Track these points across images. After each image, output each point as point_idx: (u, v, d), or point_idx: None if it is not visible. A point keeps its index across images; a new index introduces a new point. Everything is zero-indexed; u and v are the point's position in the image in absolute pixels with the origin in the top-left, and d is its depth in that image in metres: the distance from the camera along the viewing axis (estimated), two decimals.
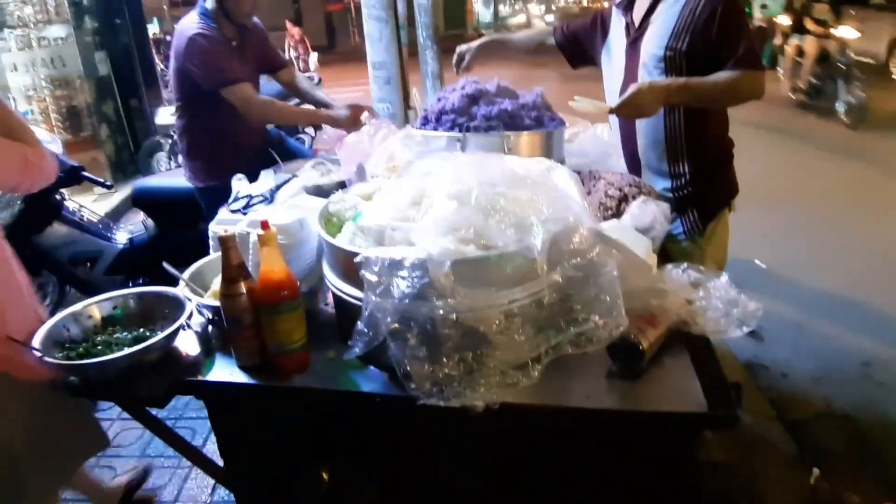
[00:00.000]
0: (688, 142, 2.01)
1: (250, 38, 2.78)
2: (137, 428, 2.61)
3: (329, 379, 1.34)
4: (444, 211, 1.18)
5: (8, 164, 1.58)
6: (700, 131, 2.01)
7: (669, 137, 2.02)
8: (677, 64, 1.91)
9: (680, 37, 1.88)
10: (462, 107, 1.85)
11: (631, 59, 2.04)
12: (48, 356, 1.37)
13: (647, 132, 2.05)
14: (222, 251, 1.29)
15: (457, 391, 1.13)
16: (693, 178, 2.04)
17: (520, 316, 1.16)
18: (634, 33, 2.03)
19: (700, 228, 2.07)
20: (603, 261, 1.20)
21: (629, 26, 2.07)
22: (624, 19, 2.10)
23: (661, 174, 2.08)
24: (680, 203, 2.05)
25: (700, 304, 1.32)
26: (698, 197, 2.05)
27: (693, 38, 1.87)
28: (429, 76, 5.23)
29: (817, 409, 2.80)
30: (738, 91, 1.87)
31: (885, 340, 3.24)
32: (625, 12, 2.10)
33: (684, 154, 2.02)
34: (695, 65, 1.88)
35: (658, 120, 1.98)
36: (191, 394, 1.49)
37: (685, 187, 2.05)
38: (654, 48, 1.94)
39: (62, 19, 5.99)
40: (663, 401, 1.22)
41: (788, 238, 4.54)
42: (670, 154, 2.04)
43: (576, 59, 2.41)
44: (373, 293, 1.13)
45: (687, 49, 1.88)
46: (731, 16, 1.84)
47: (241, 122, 2.70)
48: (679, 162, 2.04)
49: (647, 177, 2.09)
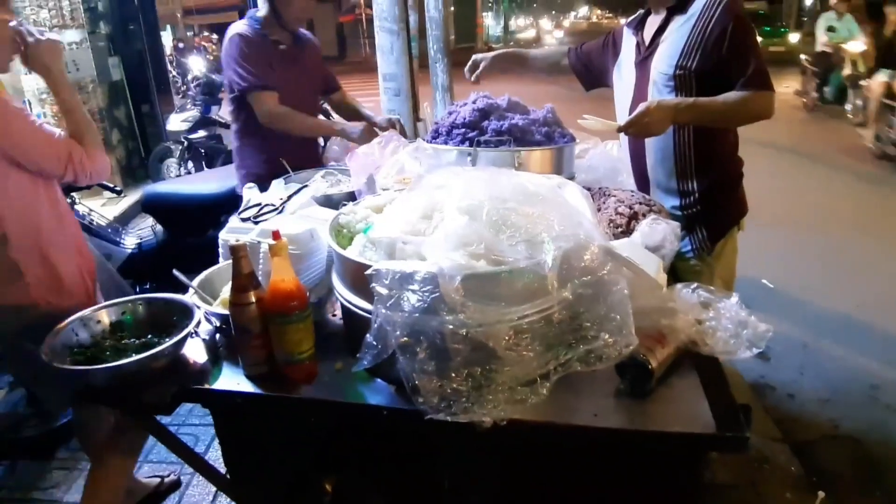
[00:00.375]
0: (697, 160, 2.01)
1: (305, 48, 2.79)
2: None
3: (336, 390, 1.33)
4: (455, 225, 1.18)
5: (51, 155, 1.72)
6: (709, 150, 2.01)
7: (679, 155, 2.02)
8: (687, 82, 1.92)
9: (690, 55, 1.89)
10: (473, 121, 1.86)
11: (641, 78, 2.05)
12: (57, 361, 1.37)
13: (656, 150, 2.05)
14: (233, 260, 1.29)
15: (464, 406, 1.13)
16: (702, 196, 2.04)
17: (529, 332, 1.16)
18: (644, 52, 2.05)
19: (709, 247, 2.07)
20: (613, 279, 1.19)
21: (640, 45, 2.08)
22: (635, 38, 2.11)
23: (671, 192, 2.08)
24: (689, 221, 2.05)
25: (710, 324, 1.31)
26: (708, 215, 2.06)
27: (703, 57, 1.88)
28: (439, 89, 5.26)
29: (824, 431, 2.78)
30: (747, 111, 1.88)
31: (893, 363, 3.22)
32: (636, 31, 2.12)
33: (694, 172, 2.03)
34: (704, 83, 1.89)
35: (667, 138, 1.99)
36: (197, 402, 1.49)
37: (694, 205, 2.05)
38: (664, 67, 1.95)
39: (77, 24, 6.06)
40: (671, 421, 1.21)
41: (797, 258, 4.53)
42: (680, 172, 2.04)
43: (589, 80, 2.42)
44: (383, 306, 1.13)
45: (697, 67, 1.89)
46: (741, 35, 1.85)
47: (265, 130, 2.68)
48: (688, 180, 2.04)
49: (655, 195, 2.09)
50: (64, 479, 2.56)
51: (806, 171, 6.77)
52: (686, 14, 1.93)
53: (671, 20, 1.97)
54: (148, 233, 3.45)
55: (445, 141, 1.87)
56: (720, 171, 2.08)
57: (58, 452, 2.70)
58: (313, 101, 2.87)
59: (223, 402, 1.43)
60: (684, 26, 1.92)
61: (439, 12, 4.94)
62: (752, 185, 2.19)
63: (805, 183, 6.36)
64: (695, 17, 1.90)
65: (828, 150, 7.47)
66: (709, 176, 2.03)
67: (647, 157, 2.09)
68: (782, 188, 5.82)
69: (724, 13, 1.85)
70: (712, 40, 1.85)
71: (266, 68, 2.57)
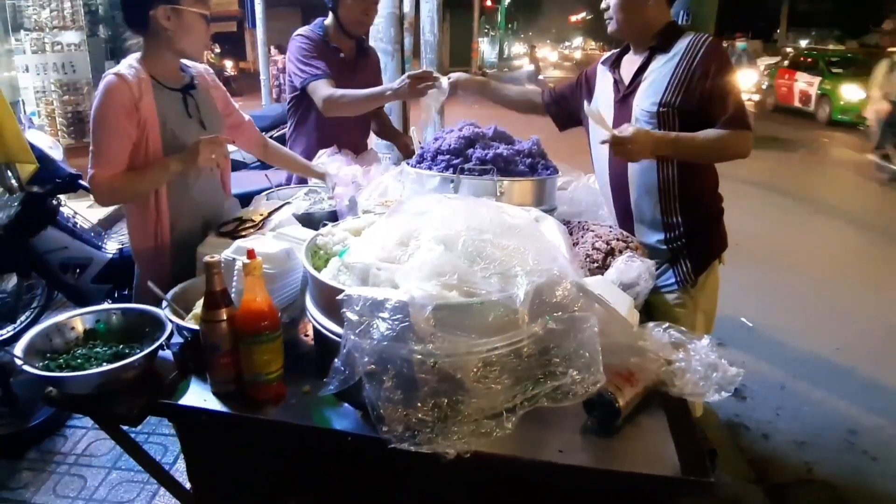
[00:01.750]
0: (681, 196, 2.03)
1: (365, 60, 2.91)
2: (110, 440, 2.59)
3: (302, 413, 1.32)
4: (429, 255, 1.18)
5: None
6: (693, 186, 2.03)
7: (663, 191, 2.03)
8: (670, 120, 1.94)
9: (674, 93, 1.92)
10: (458, 148, 1.88)
11: (620, 115, 2.06)
12: (29, 364, 1.36)
13: (639, 185, 2.06)
14: (206, 276, 1.29)
15: (429, 437, 1.12)
16: (687, 230, 2.05)
17: (498, 365, 1.16)
18: (625, 90, 2.06)
19: (693, 279, 2.07)
20: (584, 316, 1.20)
21: (618, 83, 2.10)
22: (611, 76, 2.13)
23: (655, 226, 2.09)
24: (673, 254, 2.07)
25: (679, 365, 1.31)
26: (692, 248, 2.07)
27: (687, 95, 1.90)
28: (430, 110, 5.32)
29: (799, 475, 2.77)
30: (725, 150, 1.91)
31: (871, 408, 3.23)
32: (612, 69, 2.14)
33: (678, 208, 2.04)
34: (686, 121, 1.92)
35: (651, 173, 2.01)
36: (164, 416, 1.47)
37: (679, 238, 2.06)
38: (647, 104, 1.97)
39: (77, 26, 6.09)
40: (637, 461, 1.21)
41: (776, 298, 4.56)
42: (664, 208, 2.05)
43: (563, 120, 2.42)
44: (352, 332, 1.12)
45: (680, 105, 1.91)
46: (723, 74, 1.89)
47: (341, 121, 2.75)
48: (673, 215, 2.05)
49: (639, 229, 2.10)
50: (33, 481, 2.53)
51: (787, 210, 6.85)
52: (669, 53, 1.96)
53: (653, 59, 2.00)
54: None
55: (430, 166, 1.88)
56: (704, 205, 2.10)
57: (29, 453, 2.68)
58: (364, 114, 2.89)
59: (189, 419, 1.41)
60: (667, 65, 1.95)
61: (434, 36, 5.01)
62: (733, 224, 2.21)
63: (785, 222, 6.43)
64: (678, 56, 1.93)
65: (808, 188, 7.59)
66: (693, 211, 2.05)
67: (630, 192, 2.10)
68: (763, 227, 5.88)
69: (707, 53, 1.89)
70: (696, 79, 1.89)
71: (320, 63, 2.65)
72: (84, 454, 2.68)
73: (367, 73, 2.91)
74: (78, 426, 2.84)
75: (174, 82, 1.97)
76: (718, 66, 1.89)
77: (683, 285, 2.07)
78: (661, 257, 2.07)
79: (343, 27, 2.74)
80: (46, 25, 5.99)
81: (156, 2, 1.83)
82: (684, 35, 1.98)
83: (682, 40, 1.96)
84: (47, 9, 5.97)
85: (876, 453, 2.89)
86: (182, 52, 1.96)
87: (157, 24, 1.85)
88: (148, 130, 1.86)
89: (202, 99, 2.05)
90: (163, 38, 1.89)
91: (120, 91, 1.81)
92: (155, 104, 1.88)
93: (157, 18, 1.84)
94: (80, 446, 2.73)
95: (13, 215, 2.91)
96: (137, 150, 1.87)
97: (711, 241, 2.12)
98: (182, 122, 1.95)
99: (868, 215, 6.73)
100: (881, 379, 3.51)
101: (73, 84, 6.15)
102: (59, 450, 2.71)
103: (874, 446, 2.93)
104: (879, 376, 3.53)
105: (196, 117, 1.99)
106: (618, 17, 2.02)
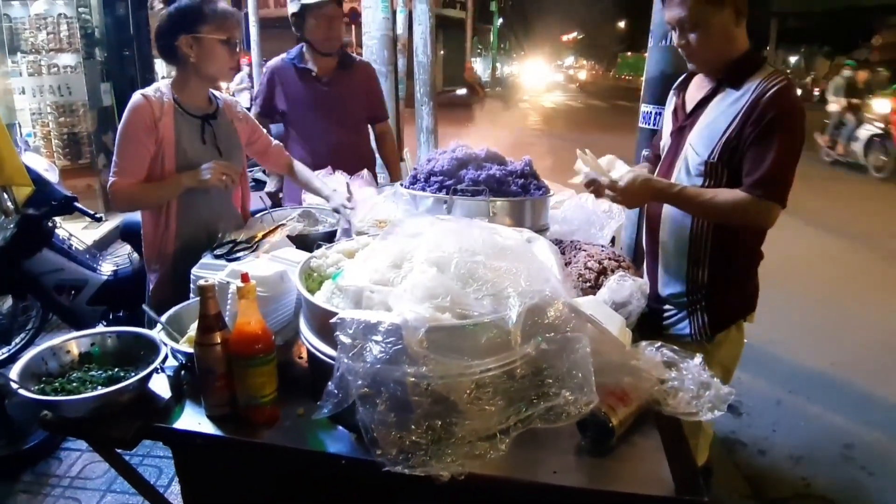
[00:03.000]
0: (713, 247, 1.82)
1: (350, 72, 3.06)
2: (105, 463, 2.58)
3: (297, 436, 1.32)
4: (422, 277, 1.19)
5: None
6: (728, 238, 1.81)
7: (694, 238, 1.84)
8: (719, 173, 1.75)
9: (729, 144, 1.70)
10: (451, 169, 1.89)
11: (674, 147, 1.89)
12: (24, 388, 1.36)
13: (672, 229, 1.89)
14: (201, 300, 1.29)
15: (423, 460, 1.12)
16: (710, 287, 1.87)
17: (491, 386, 1.16)
18: (683, 120, 1.87)
19: (709, 335, 1.89)
20: (576, 336, 1.21)
21: (678, 111, 1.92)
22: (675, 100, 1.95)
23: (679, 277, 1.91)
24: (691, 305, 1.90)
25: (672, 384, 1.32)
26: (711, 305, 1.88)
27: (741, 149, 1.69)
28: (424, 130, 5.36)
29: (795, 490, 2.76)
30: (739, 218, 1.71)
31: (867, 422, 3.23)
32: (677, 92, 1.96)
33: (706, 260, 1.84)
34: (736, 176, 1.72)
35: (685, 217, 1.83)
36: (159, 439, 1.47)
37: (699, 291, 1.88)
38: (701, 148, 1.77)
39: (73, 49, 6.11)
40: (631, 481, 1.21)
41: (772, 314, 4.56)
42: (692, 257, 1.86)
43: None
44: (345, 355, 1.13)
45: (731, 161, 1.71)
46: (777, 127, 1.63)
47: (298, 141, 3.06)
48: (700, 268, 1.86)
49: (662, 278, 1.95)
50: (27, 503, 2.51)
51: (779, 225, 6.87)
52: (738, 91, 1.71)
53: (720, 90, 1.77)
54: (125, 260, 3.42)
55: (423, 187, 1.90)
56: (736, 262, 1.88)
57: (23, 476, 2.66)
58: (348, 124, 3.11)
59: (184, 442, 1.41)
60: (732, 107, 1.71)
61: (427, 57, 5.07)
62: None
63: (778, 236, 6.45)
64: (745, 99, 1.69)
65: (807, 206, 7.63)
66: (722, 266, 1.84)
67: (660, 232, 1.92)
68: None
69: (771, 101, 1.63)
70: (755, 126, 1.64)
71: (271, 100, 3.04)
72: (79, 477, 2.66)
73: (351, 86, 3.08)
74: (72, 449, 2.82)
75: (197, 110, 2.14)
76: (777, 115, 1.63)
77: (698, 339, 1.90)
78: (678, 306, 1.93)
79: (315, 48, 2.94)
80: (43, 48, 6.02)
81: (178, 33, 2.00)
82: (759, 71, 1.71)
83: (755, 78, 1.70)
84: (44, 31, 6.00)
85: (873, 468, 2.88)
86: (207, 77, 2.11)
87: (182, 53, 2.01)
88: (164, 148, 2.03)
89: (221, 128, 2.20)
90: (188, 65, 2.04)
91: (143, 109, 1.99)
92: (173, 126, 2.04)
93: (181, 48, 2.00)
94: (75, 469, 2.71)
95: (9, 237, 2.92)
96: (154, 164, 2.04)
97: (735, 301, 1.92)
98: (195, 146, 2.10)
99: (859, 226, 6.78)
100: (877, 393, 3.51)
101: (68, 106, 6.17)
102: (54, 472, 2.69)
103: (871, 461, 2.93)
104: (875, 390, 3.53)
105: (211, 143, 2.14)
106: (701, 56, 1.76)
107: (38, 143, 6.07)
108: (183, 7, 2.01)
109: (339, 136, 3.03)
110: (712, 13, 1.66)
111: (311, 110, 3.01)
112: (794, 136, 1.65)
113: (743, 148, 1.67)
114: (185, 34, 1.99)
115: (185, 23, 1.99)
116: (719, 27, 1.68)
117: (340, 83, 3.02)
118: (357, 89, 3.11)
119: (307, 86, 2.99)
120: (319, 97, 2.97)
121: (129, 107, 2.00)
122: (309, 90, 2.98)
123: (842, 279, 5.30)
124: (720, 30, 1.69)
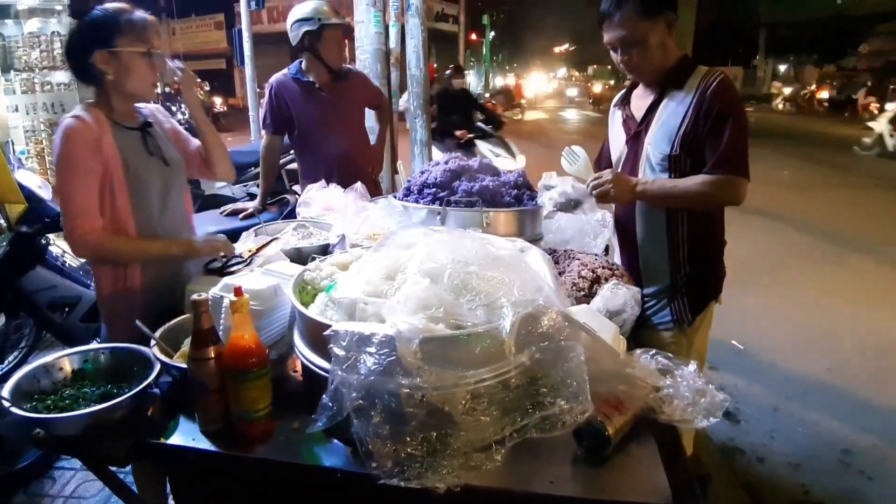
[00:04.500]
0: (689, 235, 1.98)
1: (346, 82, 3.31)
2: (99, 481, 2.55)
3: (291, 450, 1.31)
4: (415, 288, 1.19)
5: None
6: (699, 227, 1.99)
7: (672, 232, 1.99)
8: (682, 165, 1.90)
9: (685, 138, 1.86)
10: (444, 181, 1.90)
11: (632, 153, 2.02)
12: (17, 407, 1.35)
13: (647, 226, 2.03)
14: (194, 314, 1.29)
15: (418, 472, 1.12)
16: (690, 274, 2.02)
17: (486, 397, 1.16)
18: (636, 127, 2.01)
19: (689, 319, 2.04)
20: (570, 345, 1.21)
21: (628, 120, 2.06)
22: (621, 114, 2.09)
23: (661, 271, 2.05)
24: (671, 293, 2.04)
25: (667, 391, 1.32)
26: (691, 288, 2.03)
27: (696, 141, 1.85)
28: (417, 143, 5.39)
29: (794, 497, 2.75)
30: (711, 197, 1.85)
31: (865, 428, 3.22)
32: (621, 106, 2.10)
33: (685, 248, 2.00)
34: (697, 164, 1.87)
35: (660, 217, 1.98)
36: (153, 456, 1.46)
37: (680, 279, 2.02)
38: (661, 145, 1.92)
39: (66, 66, 6.11)
40: (628, 490, 1.21)
41: (767, 320, 4.58)
42: (672, 249, 2.01)
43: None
44: (339, 367, 1.12)
45: (691, 151, 1.87)
46: (725, 115, 1.81)
47: (310, 151, 3.31)
48: (680, 257, 2.01)
49: (645, 275, 2.07)
50: None
51: (773, 232, 6.91)
52: (682, 90, 1.89)
53: (666, 94, 1.93)
54: None
55: (416, 199, 1.90)
56: (709, 247, 2.06)
57: (16, 496, 2.65)
58: (353, 132, 3.38)
59: (177, 458, 1.40)
60: (680, 105, 1.88)
61: (420, 70, 5.09)
62: None
63: (772, 243, 6.48)
64: (691, 96, 1.87)
65: (797, 210, 7.69)
66: (699, 253, 2.01)
67: (637, 234, 2.07)
68: (748, 249, 5.93)
69: (715, 93, 1.82)
70: (704, 123, 1.83)
71: (276, 114, 3.22)
72: (72, 496, 2.64)
73: (350, 91, 3.32)
74: (66, 468, 2.80)
75: (133, 122, 1.96)
76: (722, 106, 1.81)
77: (679, 324, 2.04)
78: (658, 297, 2.05)
79: (326, 64, 3.13)
80: (36, 66, 6.05)
81: (92, 48, 1.80)
82: (697, 70, 1.91)
83: (695, 76, 1.89)
84: (37, 49, 6.03)
85: (871, 473, 2.88)
86: (129, 94, 1.92)
87: (98, 71, 1.83)
88: (112, 171, 1.84)
89: (160, 137, 2.05)
90: (107, 83, 1.86)
91: (81, 130, 1.79)
92: (115, 143, 1.86)
93: (97, 64, 1.81)
94: (69, 488, 2.69)
95: (1, 255, 2.91)
96: (102, 191, 1.84)
97: (712, 282, 2.09)
98: (143, 161, 1.93)
99: (855, 232, 6.81)
100: (874, 398, 3.51)
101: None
102: (48, 492, 2.67)
103: (869, 466, 2.93)
104: (872, 395, 3.53)
105: (157, 154, 1.98)
106: (643, 68, 1.93)
107: (31, 160, 6.06)
108: (95, 19, 1.82)
109: (343, 144, 3.24)
110: (649, 29, 1.85)
111: (317, 120, 3.21)
112: (740, 117, 1.84)
113: (701, 138, 1.84)
114: (100, 49, 1.80)
115: (99, 37, 1.80)
116: (656, 41, 1.87)
117: (340, 92, 3.23)
118: (356, 95, 3.36)
119: (310, 97, 3.17)
120: (322, 107, 3.17)
121: (63, 134, 1.79)
122: (313, 101, 3.17)
123: (836, 285, 5.32)
124: (657, 43, 1.88)
